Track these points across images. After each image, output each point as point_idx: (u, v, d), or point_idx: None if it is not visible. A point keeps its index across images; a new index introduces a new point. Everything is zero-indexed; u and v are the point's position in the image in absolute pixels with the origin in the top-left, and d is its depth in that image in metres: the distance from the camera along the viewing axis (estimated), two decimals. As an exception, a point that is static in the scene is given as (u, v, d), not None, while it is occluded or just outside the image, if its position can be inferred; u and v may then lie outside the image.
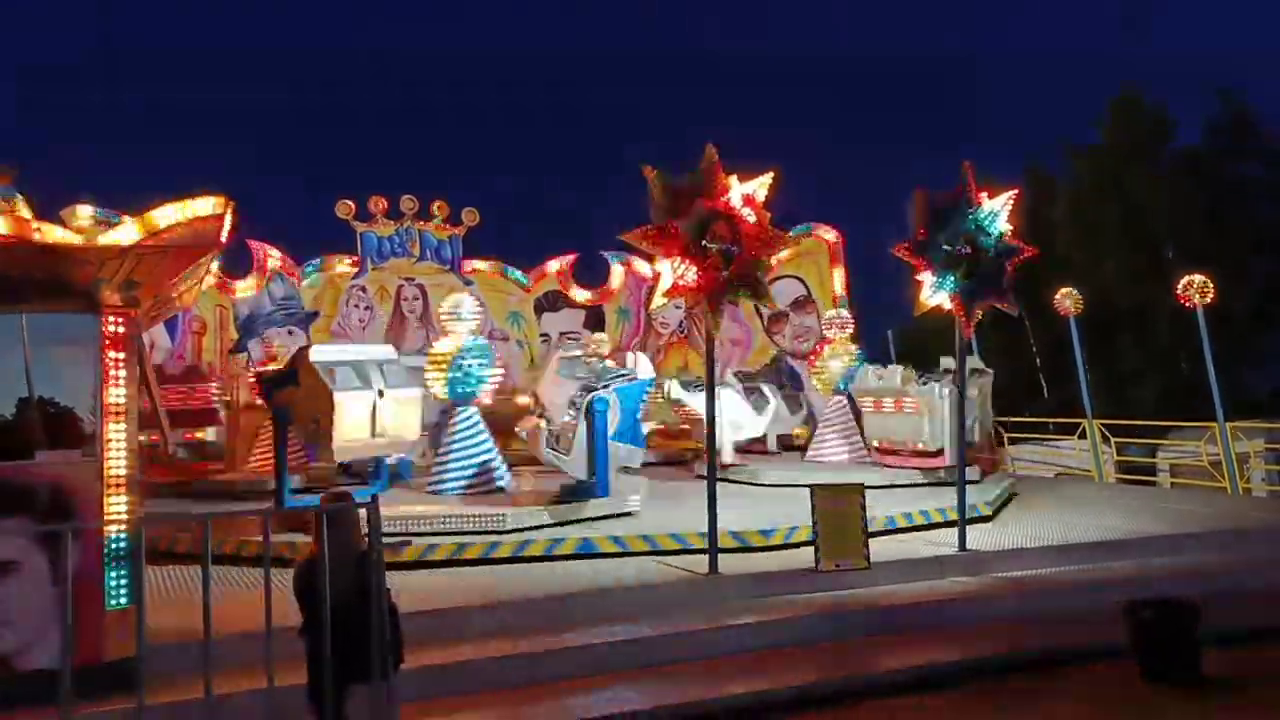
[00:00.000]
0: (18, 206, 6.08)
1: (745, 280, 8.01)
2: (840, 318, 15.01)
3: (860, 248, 18.06)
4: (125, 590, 5.59)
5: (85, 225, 6.06)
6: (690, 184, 7.85)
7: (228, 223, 5.98)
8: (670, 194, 7.83)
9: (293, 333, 16.04)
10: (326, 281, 16.59)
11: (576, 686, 6.17)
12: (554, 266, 18.00)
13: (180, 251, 5.83)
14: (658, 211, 7.84)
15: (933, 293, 8.76)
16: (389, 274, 16.81)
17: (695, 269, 7.84)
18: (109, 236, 5.63)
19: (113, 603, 5.58)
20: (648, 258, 14.27)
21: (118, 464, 5.66)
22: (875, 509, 8.84)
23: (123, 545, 5.62)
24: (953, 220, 8.69)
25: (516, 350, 17.25)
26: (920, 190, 8.73)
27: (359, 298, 16.67)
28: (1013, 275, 8.95)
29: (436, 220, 16.99)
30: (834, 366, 14.28)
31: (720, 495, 8.23)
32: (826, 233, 18.04)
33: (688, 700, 6.00)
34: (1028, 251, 8.98)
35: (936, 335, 19.83)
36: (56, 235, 5.53)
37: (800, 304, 17.91)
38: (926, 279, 8.73)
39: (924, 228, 8.69)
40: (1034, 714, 6.01)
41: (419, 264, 16.93)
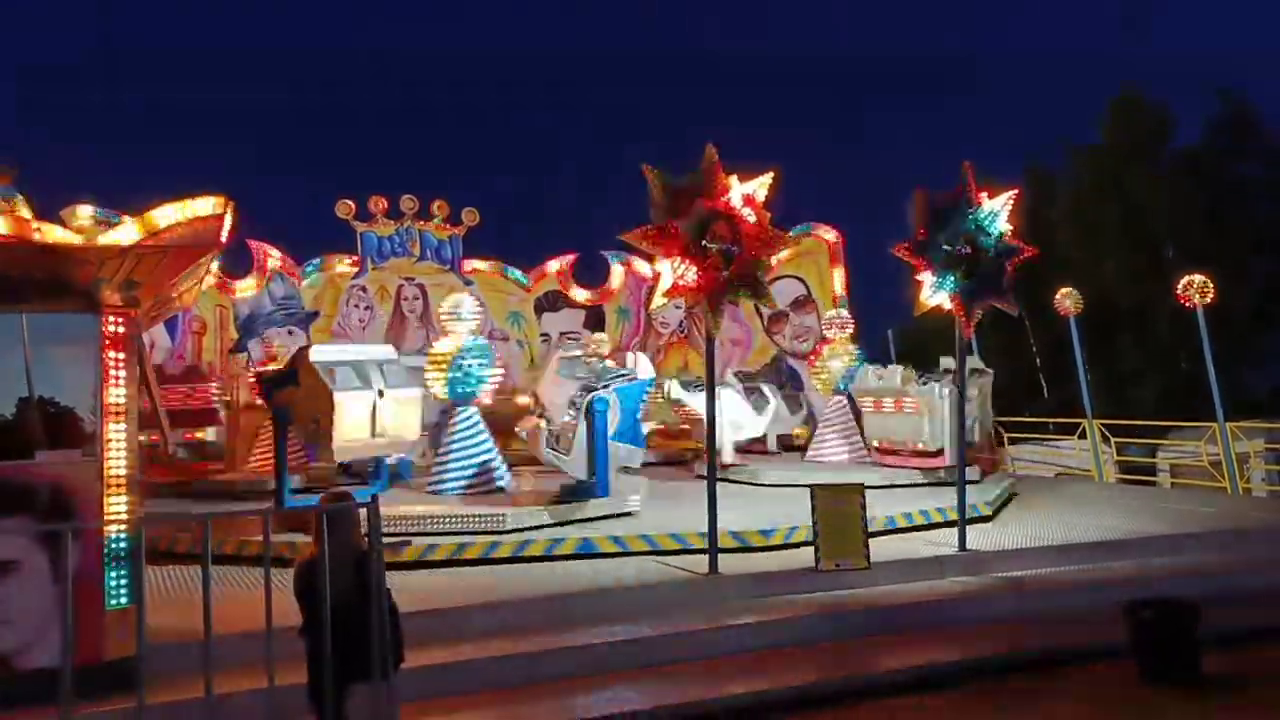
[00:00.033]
0: (18, 206, 6.08)
1: (745, 280, 8.02)
2: (840, 318, 15.00)
3: (860, 248, 18.08)
4: (125, 590, 5.60)
5: (85, 225, 6.06)
6: (690, 184, 7.85)
7: (228, 223, 5.99)
8: (670, 194, 7.83)
9: (293, 332, 16.04)
10: (327, 281, 16.59)
11: (576, 686, 6.17)
12: (554, 266, 18.01)
13: (180, 251, 5.83)
14: (658, 211, 7.85)
15: (933, 293, 8.76)
16: (389, 274, 16.81)
17: (695, 269, 7.84)
18: (109, 236, 5.63)
19: (113, 602, 5.58)
20: (648, 258, 14.28)
21: (118, 464, 5.67)
22: (875, 509, 8.84)
23: (123, 545, 5.63)
24: (953, 220, 8.69)
25: (516, 350, 17.24)
26: (920, 190, 8.74)
27: (359, 297, 16.68)
28: (1013, 275, 8.96)
29: (436, 220, 17.00)
30: (834, 367, 14.28)
31: (720, 495, 8.24)
32: (826, 233, 18.06)
33: (688, 700, 6.00)
34: (1028, 251, 8.98)
35: (937, 335, 19.82)
36: (56, 235, 5.53)
37: (800, 304, 17.91)
38: (926, 279, 8.74)
39: (924, 228, 8.69)
40: (1034, 714, 6.01)
41: (419, 264, 16.94)
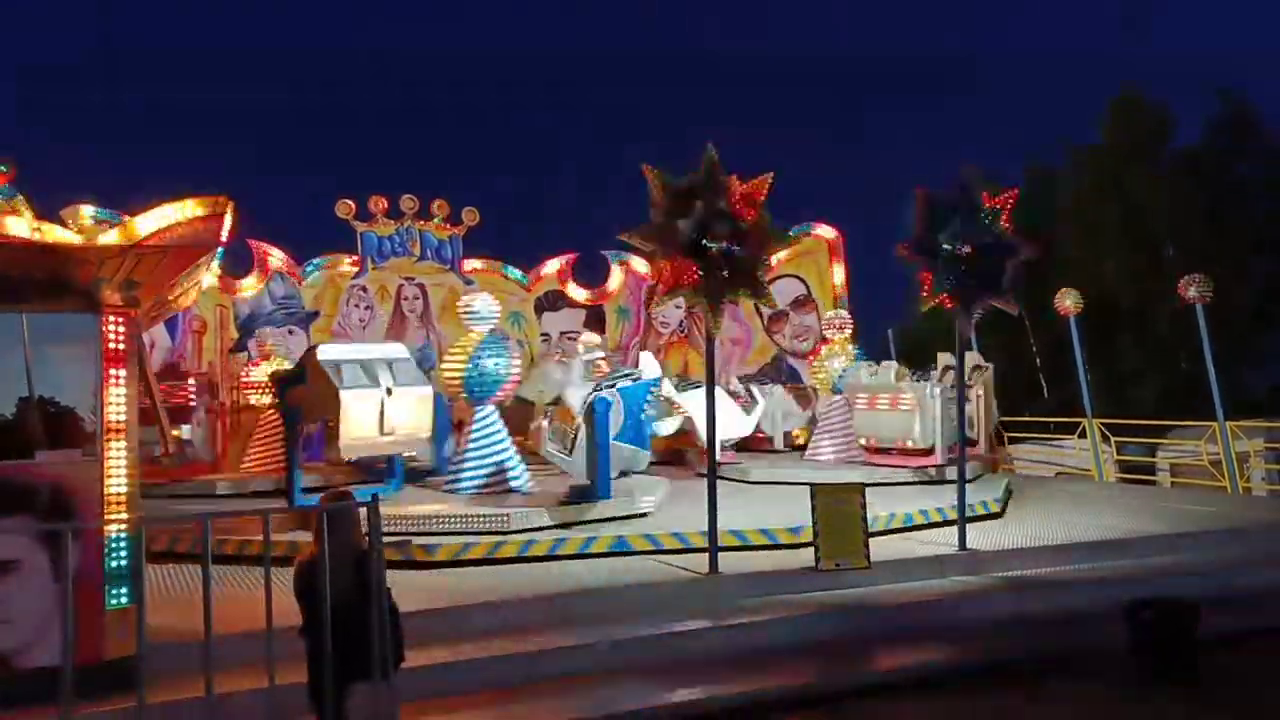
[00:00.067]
0: (18, 206, 6.09)
1: (745, 280, 8.02)
2: (839, 318, 15.04)
3: (860, 247, 18.09)
4: (125, 589, 5.60)
5: (85, 225, 6.06)
6: (690, 184, 7.85)
7: (228, 223, 5.99)
8: (670, 194, 7.83)
9: (293, 332, 16.04)
10: (327, 281, 16.58)
11: (576, 686, 6.17)
12: (554, 266, 18.01)
13: (180, 251, 5.83)
14: (657, 211, 7.85)
15: (933, 293, 8.76)
16: (389, 273, 16.81)
17: (695, 268, 7.84)
18: (109, 236, 5.63)
19: (113, 602, 5.59)
20: (648, 257, 14.27)
21: (118, 463, 5.67)
22: (873, 508, 8.83)
23: (123, 544, 5.63)
24: (953, 220, 8.69)
25: (516, 350, 17.21)
26: (920, 190, 8.74)
27: (359, 297, 16.68)
28: (1016, 274, 8.94)
29: (437, 220, 16.99)
30: (832, 366, 14.31)
31: (720, 495, 8.23)
32: (826, 231, 18.05)
33: (688, 700, 6.01)
34: (1029, 250, 8.97)
35: (936, 334, 19.83)
36: (56, 235, 5.53)
37: (800, 303, 17.91)
38: (926, 279, 8.74)
39: (924, 227, 8.69)
40: (1034, 713, 6.02)
41: (419, 264, 16.93)
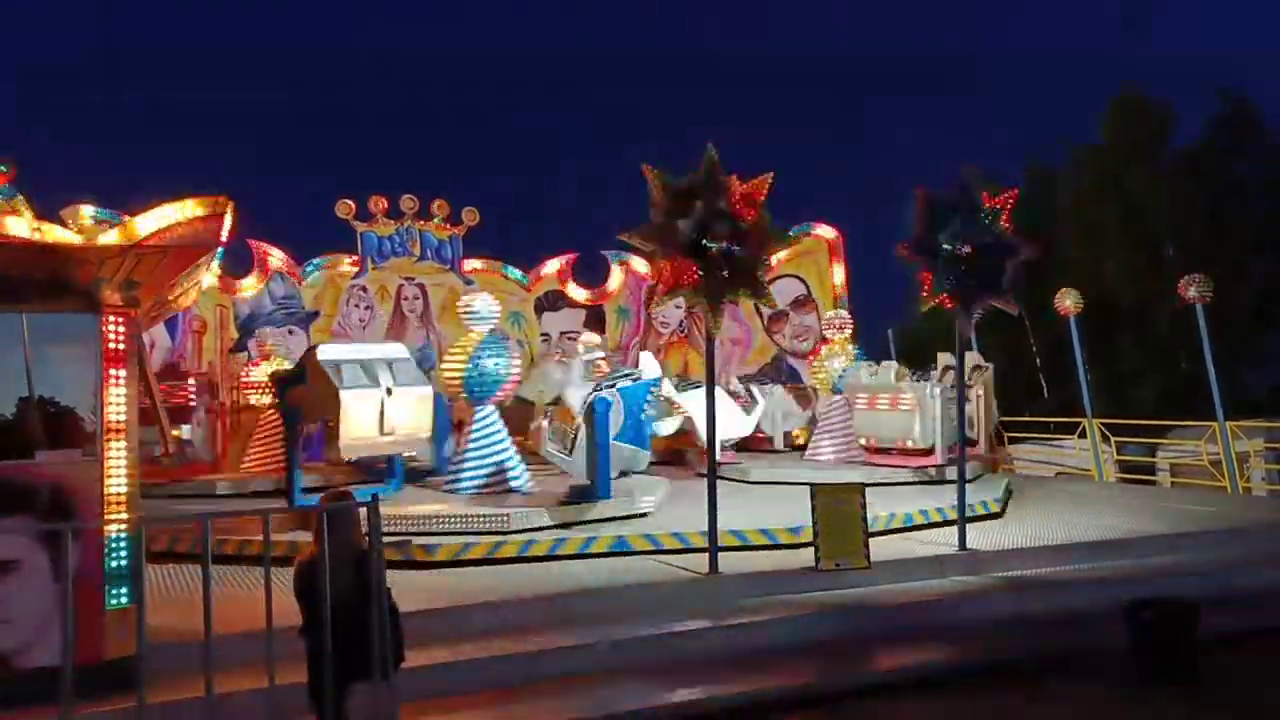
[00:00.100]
0: (18, 206, 6.09)
1: (745, 280, 8.01)
2: (839, 318, 15.06)
3: (860, 247, 18.08)
4: (125, 589, 5.60)
5: (85, 225, 6.06)
6: (690, 184, 7.85)
7: (228, 222, 5.99)
8: (670, 194, 7.83)
9: (293, 332, 16.04)
10: (327, 281, 16.58)
11: (577, 686, 6.17)
12: (553, 266, 18.00)
13: (180, 251, 5.83)
14: (657, 211, 7.84)
15: (933, 293, 8.76)
16: (389, 273, 16.81)
17: (695, 268, 7.84)
18: (109, 236, 5.63)
19: (113, 602, 5.59)
20: (648, 257, 14.26)
21: (118, 463, 5.67)
22: (873, 508, 8.82)
23: (123, 544, 5.63)
24: (953, 220, 8.69)
25: (517, 350, 17.21)
26: (920, 190, 8.74)
27: (359, 297, 16.68)
28: (1016, 274, 8.93)
29: (437, 220, 16.99)
30: (832, 366, 14.32)
31: (720, 495, 8.23)
32: (826, 231, 18.04)
33: (688, 700, 6.01)
34: (1029, 250, 8.96)
35: (937, 334, 19.82)
36: (56, 235, 5.53)
37: (800, 303, 17.91)
38: (927, 279, 8.74)
39: (924, 227, 8.69)
40: (1034, 713, 6.02)
41: (419, 263, 16.93)
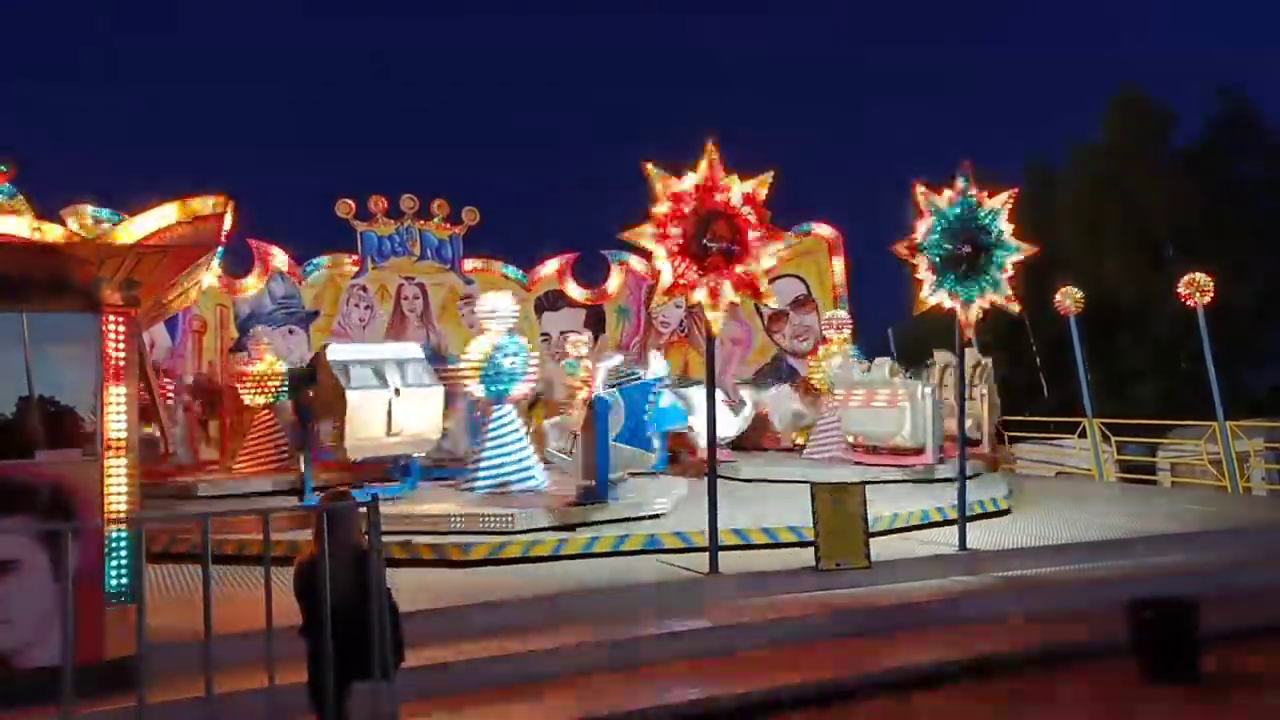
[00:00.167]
0: (18, 206, 6.09)
1: (745, 280, 8.00)
2: (838, 318, 15.09)
3: (860, 247, 18.04)
4: (126, 589, 5.60)
5: (85, 225, 6.06)
6: (690, 183, 7.84)
7: (228, 222, 5.98)
8: (670, 193, 7.83)
9: (293, 331, 16.03)
10: (327, 281, 16.55)
11: (577, 685, 6.17)
12: (553, 266, 17.98)
13: (180, 251, 5.83)
14: (658, 208, 7.84)
15: (932, 291, 8.76)
16: (389, 273, 16.78)
17: (695, 268, 7.84)
18: (109, 236, 5.63)
19: (113, 601, 5.59)
20: (648, 256, 14.23)
21: (118, 463, 5.67)
22: (874, 508, 8.80)
23: (123, 544, 5.62)
24: (952, 219, 8.68)
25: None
26: (920, 188, 8.73)
27: (359, 297, 16.65)
28: (1014, 275, 8.93)
29: (437, 219, 16.96)
30: (830, 366, 14.31)
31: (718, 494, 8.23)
32: (825, 230, 18.00)
33: (688, 699, 6.01)
34: (1028, 250, 8.96)
35: (937, 334, 19.78)
36: (56, 234, 5.53)
37: (800, 303, 17.88)
38: (926, 277, 8.73)
39: (924, 226, 8.69)
40: (1034, 712, 6.01)
41: (419, 263, 16.91)
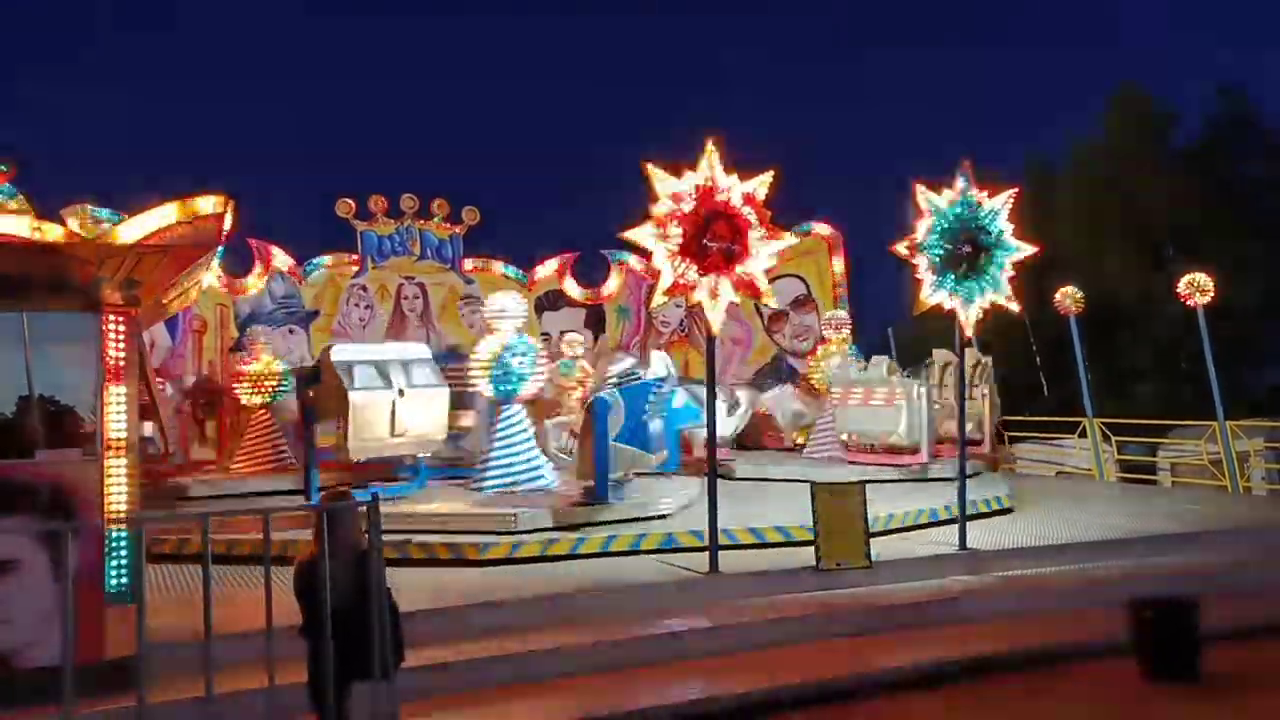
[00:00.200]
0: (18, 206, 6.08)
1: (745, 280, 8.00)
2: (837, 318, 15.09)
3: (861, 246, 18.04)
4: (126, 589, 5.59)
5: (85, 225, 6.06)
6: (690, 182, 7.84)
7: (228, 222, 5.98)
8: (670, 191, 7.82)
9: (293, 331, 16.03)
10: (327, 280, 16.55)
11: (577, 685, 6.17)
12: (552, 266, 17.97)
13: (180, 251, 5.83)
14: (658, 208, 7.84)
15: (932, 291, 8.76)
16: (389, 273, 16.78)
17: (695, 268, 7.84)
18: (109, 235, 5.63)
19: (113, 601, 5.58)
20: (647, 256, 14.21)
21: (118, 463, 5.67)
22: (874, 507, 8.79)
23: (123, 544, 5.62)
24: (952, 219, 8.68)
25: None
26: (920, 188, 8.73)
27: (359, 296, 16.65)
28: (1014, 275, 8.92)
29: (437, 219, 16.96)
30: (829, 366, 14.32)
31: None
32: (824, 229, 18.00)
33: (688, 699, 6.00)
34: (1028, 250, 8.95)
35: (938, 333, 19.76)
36: (56, 234, 5.53)
37: (800, 303, 17.88)
38: (926, 277, 8.73)
39: (923, 226, 8.68)
40: (1035, 712, 6.01)
41: (419, 263, 16.91)
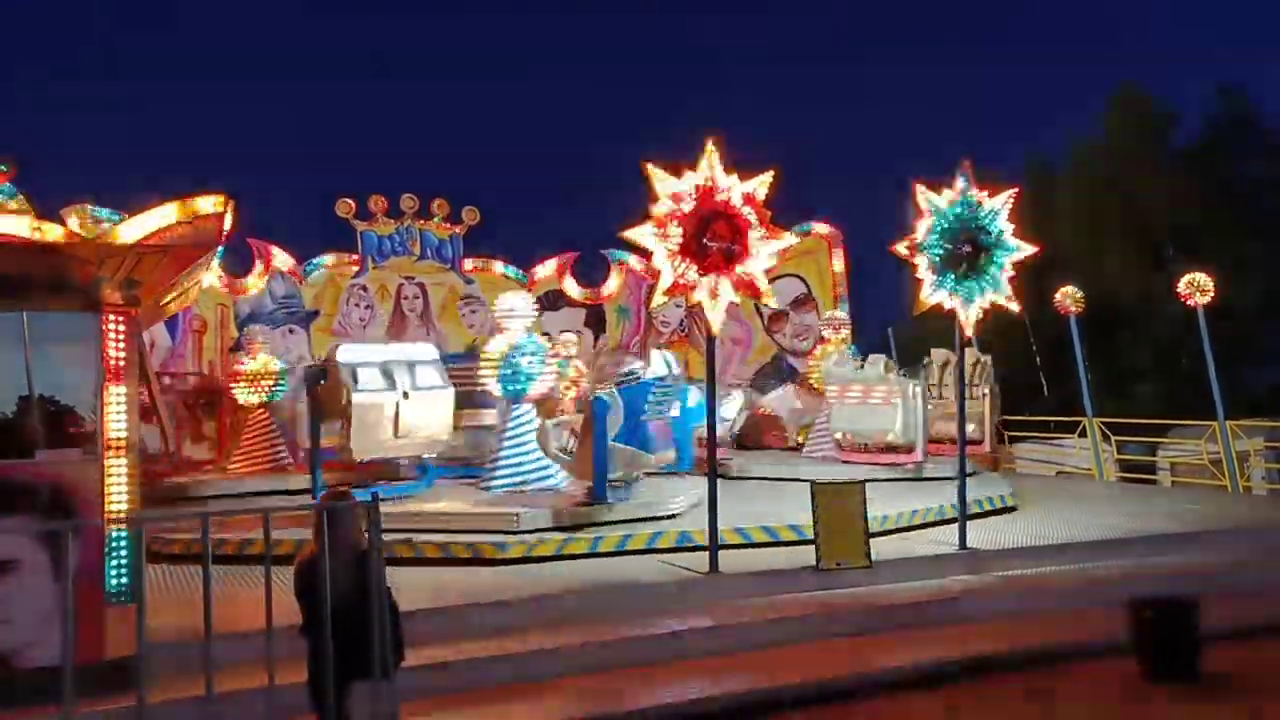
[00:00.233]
0: (18, 205, 6.08)
1: (745, 280, 8.00)
2: (836, 319, 15.10)
3: (861, 246, 18.04)
4: (126, 588, 5.60)
5: (86, 225, 6.06)
6: (690, 182, 7.84)
7: (228, 221, 5.98)
8: (670, 191, 7.82)
9: (293, 331, 16.04)
10: (327, 280, 16.55)
11: (578, 684, 6.17)
12: (551, 266, 17.97)
13: (181, 251, 5.83)
14: (658, 208, 7.84)
15: (932, 291, 8.76)
16: (389, 273, 16.78)
17: (695, 268, 7.84)
18: (109, 235, 5.63)
19: (113, 601, 5.58)
20: (647, 256, 14.20)
21: (118, 463, 5.67)
22: (874, 507, 8.79)
23: (123, 544, 5.62)
24: (952, 217, 8.68)
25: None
26: (920, 187, 8.73)
27: (359, 296, 16.65)
28: (1015, 275, 8.92)
29: (437, 219, 16.96)
30: (826, 366, 14.33)
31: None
32: (824, 228, 17.99)
33: (688, 699, 6.00)
34: (1028, 250, 8.95)
35: (938, 333, 19.76)
36: (56, 234, 5.53)
37: (800, 303, 17.88)
38: (926, 277, 8.73)
39: (923, 225, 8.68)
40: (1035, 712, 6.01)
41: (419, 263, 16.91)
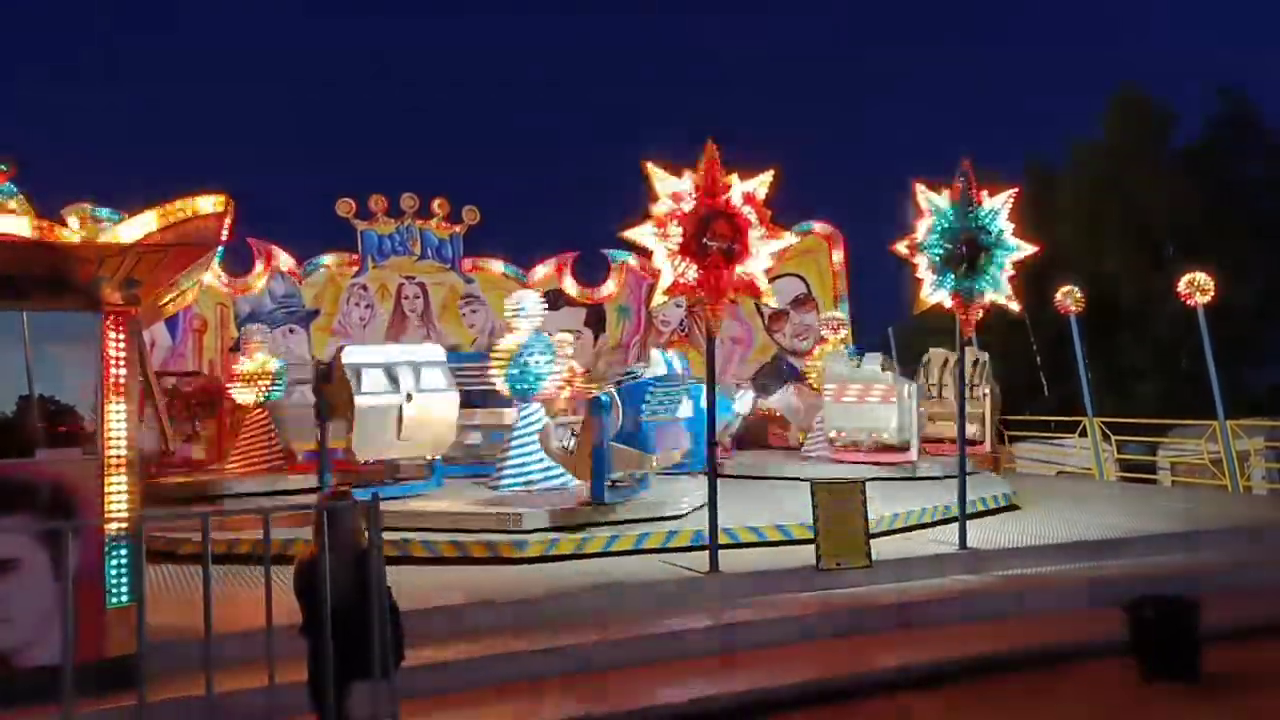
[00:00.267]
0: (18, 205, 6.08)
1: (745, 280, 8.00)
2: (835, 319, 15.12)
3: (861, 246, 18.05)
4: (126, 588, 5.60)
5: (86, 224, 6.06)
6: (690, 182, 7.84)
7: (228, 221, 5.99)
8: (671, 191, 7.83)
9: (293, 330, 16.05)
10: (327, 280, 16.56)
11: (578, 684, 6.18)
12: (551, 265, 17.96)
13: (181, 250, 5.83)
14: (658, 208, 7.84)
15: (932, 290, 8.76)
16: (390, 272, 16.80)
17: (695, 267, 7.84)
18: (109, 235, 5.63)
19: (114, 600, 5.59)
20: (647, 256, 14.18)
21: (118, 462, 5.67)
22: (874, 507, 8.79)
23: (123, 543, 5.63)
24: (952, 217, 8.68)
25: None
26: (920, 188, 8.73)
27: (360, 296, 16.67)
28: (1015, 275, 8.93)
29: (437, 218, 16.97)
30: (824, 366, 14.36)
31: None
32: (824, 227, 18.00)
33: (688, 699, 6.00)
34: (1028, 250, 8.95)
35: (938, 333, 19.77)
36: (57, 234, 5.53)
37: (800, 302, 17.89)
38: (926, 277, 8.73)
39: (924, 225, 8.69)
40: (1035, 711, 6.02)
41: (420, 262, 16.92)
